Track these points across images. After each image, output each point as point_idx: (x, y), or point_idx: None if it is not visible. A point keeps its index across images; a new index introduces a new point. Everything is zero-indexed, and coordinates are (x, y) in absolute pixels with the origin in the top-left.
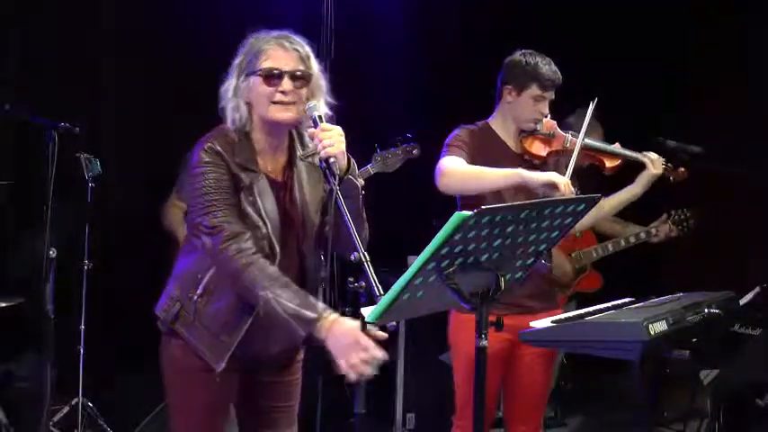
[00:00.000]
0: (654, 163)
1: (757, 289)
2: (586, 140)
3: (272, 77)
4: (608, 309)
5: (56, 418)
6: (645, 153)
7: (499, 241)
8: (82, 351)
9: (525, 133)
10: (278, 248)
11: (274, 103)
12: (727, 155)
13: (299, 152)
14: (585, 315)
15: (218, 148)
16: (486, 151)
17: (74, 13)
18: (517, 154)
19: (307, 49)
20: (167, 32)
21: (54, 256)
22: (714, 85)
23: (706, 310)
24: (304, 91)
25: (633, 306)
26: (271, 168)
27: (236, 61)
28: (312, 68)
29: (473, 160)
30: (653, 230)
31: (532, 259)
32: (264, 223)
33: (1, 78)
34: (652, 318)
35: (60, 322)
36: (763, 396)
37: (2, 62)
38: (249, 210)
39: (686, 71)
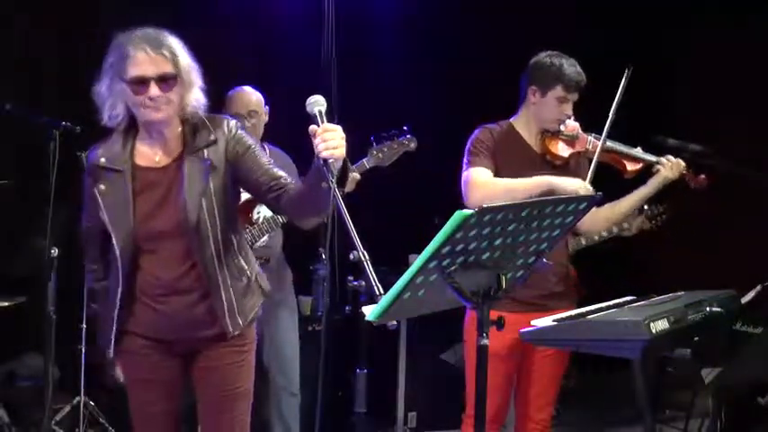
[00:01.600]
0: (669, 166)
1: (759, 287)
2: (609, 143)
3: (138, 85)
4: (609, 307)
5: (57, 417)
6: (665, 157)
7: (500, 240)
8: (83, 350)
9: (548, 134)
10: (117, 244)
11: (145, 106)
12: (727, 153)
13: (190, 145)
14: (587, 313)
15: (92, 159)
16: (508, 151)
17: (74, 12)
18: (539, 154)
19: (172, 48)
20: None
21: (56, 255)
22: (715, 83)
23: (707, 309)
24: (175, 90)
25: (634, 305)
26: (158, 159)
27: (108, 61)
28: (180, 65)
29: (495, 162)
30: (625, 224)
31: (534, 258)
32: (108, 222)
33: (2, 77)
34: (653, 316)
35: (62, 321)
36: (765, 395)
37: (3, 61)
38: (97, 207)
39: (688, 69)
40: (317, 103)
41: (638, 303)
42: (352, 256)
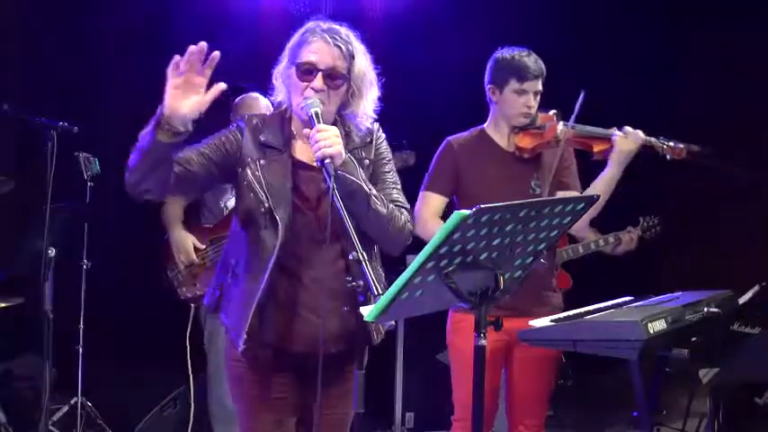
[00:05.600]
0: (623, 137)
1: (756, 288)
2: (575, 126)
3: (306, 72)
4: (607, 308)
5: (55, 418)
6: (623, 129)
7: (498, 240)
8: (81, 350)
9: (517, 129)
10: (280, 223)
11: (304, 96)
12: (726, 153)
13: (345, 145)
14: (585, 314)
15: (245, 124)
16: (476, 157)
17: (74, 12)
18: (509, 153)
19: (353, 47)
20: (168, 31)
21: (53, 255)
22: (713, 83)
23: (705, 309)
24: (339, 91)
25: (632, 305)
26: (309, 156)
27: (288, 44)
28: (355, 67)
29: (457, 177)
30: (611, 238)
31: (531, 258)
32: (266, 198)
33: (0, 77)
34: (651, 317)
35: (59, 321)
36: (762, 395)
37: (1, 61)
38: (251, 181)
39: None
40: (312, 105)
41: (636, 304)
42: (351, 256)
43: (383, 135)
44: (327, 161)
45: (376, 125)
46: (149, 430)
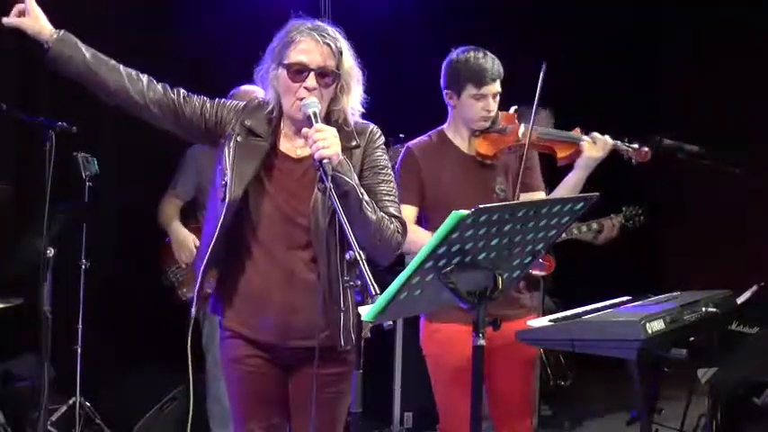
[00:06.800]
0: (591, 143)
1: (754, 287)
2: (540, 129)
3: (298, 72)
4: (606, 308)
5: (53, 418)
6: (590, 135)
7: (497, 240)
8: (79, 350)
9: (477, 132)
10: (227, 198)
11: (298, 99)
12: (725, 153)
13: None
14: (583, 314)
15: (241, 105)
16: (438, 162)
17: (73, 11)
18: (470, 155)
19: (340, 44)
20: (166, 31)
21: (52, 255)
22: (712, 82)
23: (703, 309)
24: (331, 88)
25: (631, 305)
26: (300, 152)
27: (271, 45)
28: (344, 64)
29: (422, 183)
30: (604, 222)
31: (530, 258)
32: (229, 172)
33: None
34: (650, 317)
35: (58, 321)
36: (760, 394)
37: (1, 61)
38: (224, 153)
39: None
40: (310, 105)
41: (635, 304)
42: (348, 256)
43: (381, 140)
44: (325, 161)
45: (379, 132)
46: (148, 430)
